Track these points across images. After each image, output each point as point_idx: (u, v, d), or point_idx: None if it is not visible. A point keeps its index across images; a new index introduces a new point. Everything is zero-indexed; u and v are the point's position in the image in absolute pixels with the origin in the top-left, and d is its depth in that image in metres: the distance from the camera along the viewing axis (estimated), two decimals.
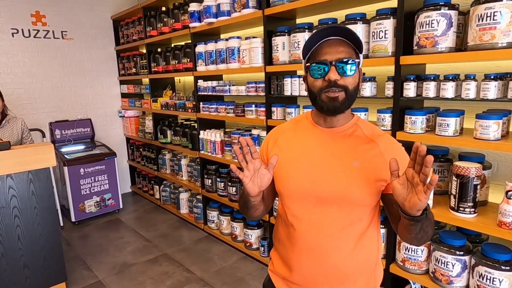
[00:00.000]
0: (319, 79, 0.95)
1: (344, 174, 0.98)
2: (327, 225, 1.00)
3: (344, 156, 1.00)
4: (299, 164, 1.03)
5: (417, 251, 1.82)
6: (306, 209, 1.01)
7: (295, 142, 1.07)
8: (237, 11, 2.62)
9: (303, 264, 1.04)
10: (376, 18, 1.83)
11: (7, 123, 2.71)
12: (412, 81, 1.74)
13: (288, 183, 1.03)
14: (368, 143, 1.00)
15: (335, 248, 1.00)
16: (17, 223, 2.31)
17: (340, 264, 1.01)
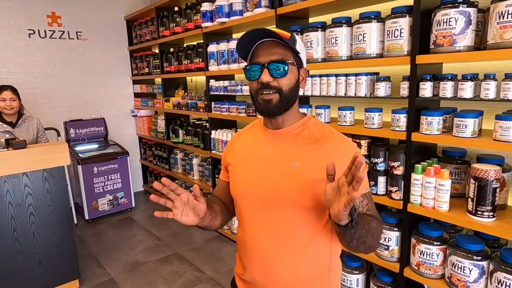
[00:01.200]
0: (254, 81, 0.96)
1: (283, 175, 0.97)
2: (271, 229, 0.99)
3: (287, 157, 0.98)
4: (247, 167, 1.04)
5: (432, 255, 1.77)
6: (252, 211, 1.02)
7: (246, 146, 1.08)
8: (249, 11, 2.61)
9: (253, 266, 1.04)
10: (391, 17, 1.79)
11: (23, 123, 2.77)
12: (429, 80, 1.70)
13: (236, 186, 1.06)
14: (313, 143, 0.98)
15: (282, 254, 0.99)
16: (32, 221, 2.36)
17: (287, 270, 0.99)
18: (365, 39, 1.89)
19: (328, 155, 0.94)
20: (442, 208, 1.69)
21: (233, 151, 1.11)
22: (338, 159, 0.86)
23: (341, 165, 0.82)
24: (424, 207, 1.76)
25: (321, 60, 2.18)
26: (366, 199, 0.97)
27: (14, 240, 2.29)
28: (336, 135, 1.01)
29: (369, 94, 2.00)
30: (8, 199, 2.25)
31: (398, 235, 1.94)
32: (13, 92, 2.64)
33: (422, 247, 1.80)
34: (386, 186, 1.96)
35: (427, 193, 1.73)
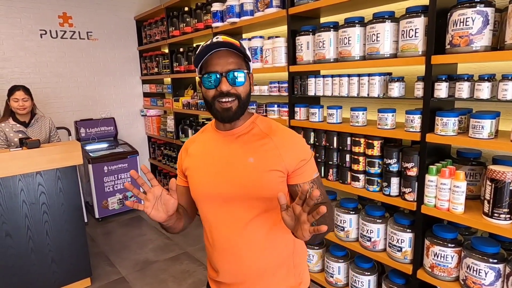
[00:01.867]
0: (211, 89, 1.00)
1: (241, 171, 1.02)
2: (234, 222, 1.04)
3: (240, 154, 1.04)
4: (204, 169, 1.07)
5: (447, 257, 1.75)
6: (214, 210, 1.06)
7: (201, 149, 1.11)
8: (260, 11, 2.61)
9: (223, 263, 1.08)
10: (406, 17, 1.77)
11: (36, 122, 2.80)
12: (444, 81, 1.68)
13: (197, 188, 1.08)
14: (263, 139, 1.05)
15: (247, 243, 1.05)
16: (46, 219, 2.38)
17: (254, 258, 1.05)
18: (379, 39, 1.87)
19: (277, 148, 1.02)
20: (457, 210, 1.68)
21: (189, 156, 1.13)
22: (286, 150, 1.02)
23: (289, 155, 1.01)
24: (439, 209, 1.74)
25: (333, 60, 2.17)
26: (316, 184, 1.05)
27: (28, 238, 2.32)
28: (282, 129, 1.09)
29: (382, 94, 1.99)
30: (22, 198, 2.28)
31: (411, 236, 1.92)
32: (25, 92, 2.67)
33: (436, 249, 1.78)
34: (399, 187, 1.95)
35: (441, 195, 1.72)
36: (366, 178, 2.10)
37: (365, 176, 2.11)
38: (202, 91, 1.03)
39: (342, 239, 2.28)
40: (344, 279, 2.35)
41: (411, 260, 1.94)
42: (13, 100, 2.61)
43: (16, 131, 2.68)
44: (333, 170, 2.29)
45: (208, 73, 0.99)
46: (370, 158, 2.05)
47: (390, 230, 2.00)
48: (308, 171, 1.04)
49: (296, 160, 1.02)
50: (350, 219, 2.22)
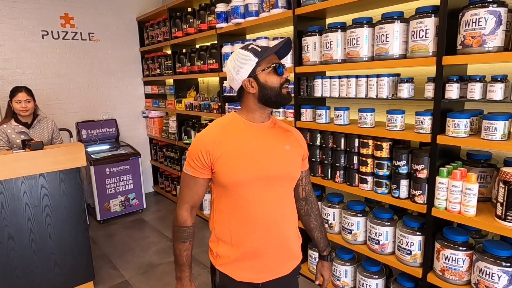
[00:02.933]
0: (280, 76, 1.18)
1: (282, 155, 1.24)
2: (274, 200, 1.22)
3: (277, 142, 1.25)
4: (244, 154, 1.18)
5: (458, 260, 1.73)
6: (256, 190, 1.19)
7: (235, 138, 1.20)
8: (265, 11, 2.59)
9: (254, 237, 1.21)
10: (416, 17, 1.75)
11: (38, 123, 2.77)
12: (455, 82, 1.66)
13: (238, 173, 1.17)
14: (287, 132, 1.30)
15: (282, 216, 1.25)
16: (49, 222, 2.35)
17: (285, 229, 1.27)
18: (388, 39, 1.85)
19: (298, 140, 1.33)
20: (469, 212, 1.65)
21: (219, 145, 1.18)
22: (302, 143, 1.35)
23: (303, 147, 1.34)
24: (450, 212, 1.72)
25: (340, 61, 2.15)
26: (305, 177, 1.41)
27: (30, 241, 2.29)
28: (289, 126, 1.36)
29: (391, 95, 1.97)
30: (25, 200, 2.25)
31: (421, 239, 1.90)
32: (28, 93, 2.64)
33: (447, 252, 1.75)
34: (408, 189, 1.92)
35: (453, 197, 1.69)
36: (375, 180, 2.07)
37: (373, 178, 2.08)
38: (269, 81, 1.17)
39: (349, 242, 2.25)
40: (351, 282, 2.32)
41: (420, 263, 1.91)
42: (15, 101, 2.58)
43: (18, 132, 2.65)
44: (340, 172, 2.26)
45: (277, 63, 1.18)
46: (378, 160, 2.02)
47: (399, 233, 1.98)
48: (306, 162, 1.39)
49: (305, 152, 1.34)
50: (357, 221, 2.19)
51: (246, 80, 1.18)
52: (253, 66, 1.16)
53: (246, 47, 1.20)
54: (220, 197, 1.23)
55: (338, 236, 2.35)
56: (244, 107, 1.24)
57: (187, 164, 1.22)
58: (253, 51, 1.17)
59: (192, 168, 1.20)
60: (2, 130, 2.60)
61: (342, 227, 2.29)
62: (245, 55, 1.18)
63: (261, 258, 1.23)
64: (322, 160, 2.37)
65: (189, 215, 1.25)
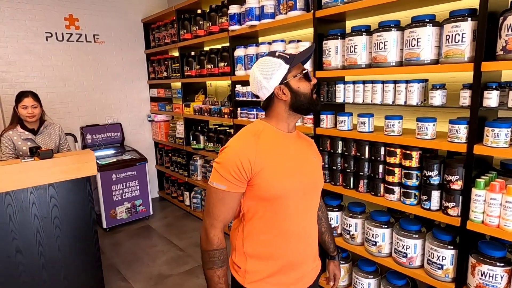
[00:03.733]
0: (309, 82, 1.18)
1: (312, 166, 1.25)
2: (308, 210, 1.24)
3: (306, 152, 1.26)
4: (284, 166, 1.15)
5: (496, 277, 1.64)
6: (295, 202, 1.17)
7: (272, 149, 1.16)
8: (282, 13, 2.50)
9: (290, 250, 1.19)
10: (451, 20, 1.66)
11: (45, 130, 2.66)
12: (494, 89, 1.57)
13: (280, 185, 1.13)
14: (308, 142, 1.33)
15: (313, 227, 1.29)
16: (58, 234, 2.25)
17: (314, 241, 1.30)
18: (420, 44, 1.76)
19: (315, 149, 1.35)
20: (509, 227, 1.56)
21: (260, 156, 1.11)
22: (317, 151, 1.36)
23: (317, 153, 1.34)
24: (487, 225, 1.63)
25: (365, 66, 2.06)
26: None
27: (39, 254, 2.18)
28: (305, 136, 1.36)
29: (421, 102, 1.88)
30: (33, 212, 2.14)
31: (453, 253, 1.81)
32: (34, 98, 2.53)
33: (484, 268, 1.66)
34: (440, 201, 1.84)
35: (491, 211, 1.61)
36: (402, 191, 1.98)
37: (401, 189, 2.00)
38: (301, 87, 1.16)
39: (373, 254, 2.16)
40: None
41: (453, 278, 1.83)
42: (21, 107, 2.47)
43: (25, 139, 2.54)
44: (364, 181, 2.17)
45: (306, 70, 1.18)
46: (407, 170, 1.93)
47: (429, 246, 1.89)
48: None
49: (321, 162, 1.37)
50: (383, 233, 2.10)
51: (277, 87, 1.16)
52: (284, 72, 1.15)
53: (273, 55, 1.19)
54: (255, 211, 1.17)
55: (361, 247, 2.26)
56: (274, 115, 1.21)
57: (219, 178, 1.11)
58: (282, 58, 1.16)
59: (228, 182, 1.10)
60: (8, 137, 2.49)
61: (366, 238, 2.20)
62: (275, 62, 1.16)
63: (297, 269, 1.22)
64: (344, 169, 2.28)
65: (223, 235, 1.17)
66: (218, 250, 1.13)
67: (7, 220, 2.06)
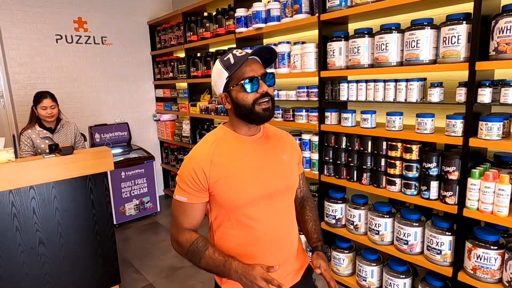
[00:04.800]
0: (251, 93, 1.07)
1: (281, 167, 1.18)
2: (279, 215, 1.18)
3: (274, 153, 1.19)
4: (243, 173, 1.10)
5: (490, 259, 1.78)
6: (260, 209, 1.12)
7: (230, 157, 1.11)
8: (288, 17, 2.63)
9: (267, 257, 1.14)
10: (447, 23, 1.81)
11: (62, 128, 2.78)
12: (488, 87, 1.72)
13: (240, 193, 1.09)
14: (280, 140, 1.24)
15: (288, 230, 1.21)
16: (77, 227, 2.36)
17: (291, 242, 1.23)
18: (419, 45, 1.91)
19: (291, 145, 1.28)
20: (502, 213, 1.71)
21: (216, 166, 1.08)
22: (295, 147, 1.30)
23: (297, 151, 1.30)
24: (482, 212, 1.78)
25: (367, 66, 2.20)
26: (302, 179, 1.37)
27: (60, 246, 2.30)
28: (280, 131, 1.31)
29: (420, 99, 2.02)
30: (55, 205, 2.26)
31: (451, 239, 1.95)
32: (52, 99, 2.65)
33: (479, 252, 1.81)
34: (438, 190, 1.98)
35: (485, 198, 1.75)
36: (403, 182, 2.13)
37: (402, 180, 2.14)
38: (240, 98, 1.08)
39: (376, 242, 2.30)
40: (377, 282, 2.37)
41: (451, 262, 1.97)
42: (41, 108, 2.59)
43: (43, 137, 2.65)
44: (367, 174, 2.31)
45: (247, 78, 1.06)
46: (407, 162, 2.08)
47: (428, 233, 2.03)
48: (301, 166, 1.36)
49: (300, 156, 1.33)
50: (385, 222, 2.24)
51: (222, 95, 1.12)
52: (225, 81, 1.09)
53: (223, 58, 1.10)
54: (221, 220, 1.15)
55: (364, 237, 2.40)
56: (230, 120, 1.17)
57: (179, 191, 1.11)
58: (226, 64, 1.08)
59: (186, 193, 1.09)
60: (27, 135, 2.61)
61: (369, 228, 2.33)
62: (218, 69, 1.10)
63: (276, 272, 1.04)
64: (348, 163, 2.42)
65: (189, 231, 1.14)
66: (193, 243, 1.10)
67: (31, 213, 2.17)
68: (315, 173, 2.65)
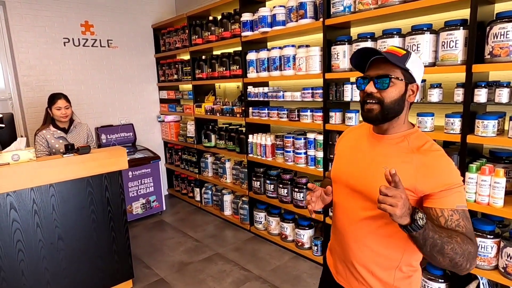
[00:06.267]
0: (361, 91, 1.13)
1: (372, 173, 1.09)
2: (351, 214, 1.17)
3: (379, 160, 1.11)
4: (344, 158, 1.25)
5: (487, 248, 1.92)
6: (342, 195, 1.21)
7: (350, 141, 1.28)
8: (293, 21, 2.76)
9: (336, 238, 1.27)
10: (445, 29, 1.95)
11: (75, 128, 2.87)
12: (483, 87, 1.86)
13: (335, 171, 1.27)
14: (406, 155, 1.07)
15: (353, 236, 1.16)
16: (94, 223, 2.46)
17: (356, 252, 1.16)
18: (419, 49, 2.05)
19: (415, 168, 1.03)
20: (497, 204, 1.85)
21: (340, 143, 1.34)
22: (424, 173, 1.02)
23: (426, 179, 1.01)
24: (479, 204, 1.91)
25: None
26: (458, 215, 1.00)
27: (77, 242, 2.39)
28: (432, 151, 1.06)
29: (421, 99, 2.16)
30: (73, 203, 2.35)
31: None
32: (66, 100, 2.74)
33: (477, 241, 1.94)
34: None
35: (482, 191, 1.89)
36: None
37: None
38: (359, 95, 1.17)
39: None
40: None
41: None
42: (55, 109, 2.68)
43: (57, 137, 2.74)
44: None
45: (360, 77, 1.13)
46: None
47: None
48: (447, 198, 1.00)
49: (432, 185, 1.01)
50: None
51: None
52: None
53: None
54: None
55: None
56: None
57: None
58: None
59: None
60: (42, 135, 2.70)
61: None
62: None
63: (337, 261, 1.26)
64: None
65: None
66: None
67: (51, 210, 2.27)
68: (320, 170, 2.78)
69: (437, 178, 1.01)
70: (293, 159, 2.99)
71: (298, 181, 3.00)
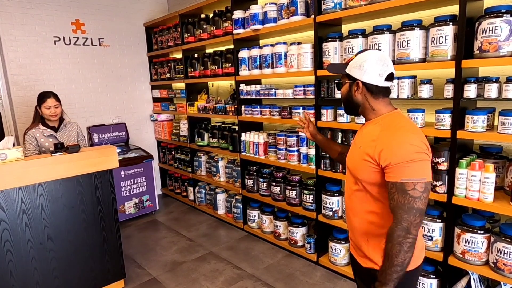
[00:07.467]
0: None
1: (355, 153, 1.33)
2: (348, 189, 1.40)
3: (359, 141, 1.34)
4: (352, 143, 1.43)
5: (477, 243, 1.92)
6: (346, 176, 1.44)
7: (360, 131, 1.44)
8: (284, 18, 2.75)
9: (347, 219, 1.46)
10: (435, 25, 1.95)
11: (65, 127, 2.83)
12: (473, 83, 1.86)
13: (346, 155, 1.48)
14: (375, 134, 1.24)
15: (351, 209, 1.39)
16: (84, 223, 2.44)
17: (354, 220, 1.37)
18: (409, 45, 2.04)
19: (377, 140, 1.20)
20: (487, 199, 1.85)
21: None
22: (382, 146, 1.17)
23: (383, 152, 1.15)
24: (469, 199, 1.92)
25: None
26: (395, 188, 1.13)
27: (68, 242, 2.36)
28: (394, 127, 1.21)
29: (411, 95, 2.16)
30: (63, 202, 2.32)
31: (441, 226, 2.09)
32: (55, 99, 2.70)
33: (467, 236, 1.95)
34: None
35: (472, 186, 1.89)
36: None
37: None
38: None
39: None
40: None
41: (441, 247, 2.10)
42: (45, 107, 2.65)
43: (47, 136, 2.71)
44: None
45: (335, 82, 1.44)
46: None
47: None
48: (394, 172, 1.13)
49: (386, 159, 1.14)
50: None
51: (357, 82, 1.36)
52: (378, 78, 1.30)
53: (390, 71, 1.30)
54: None
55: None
56: None
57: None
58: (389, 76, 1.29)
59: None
60: (31, 134, 2.66)
61: None
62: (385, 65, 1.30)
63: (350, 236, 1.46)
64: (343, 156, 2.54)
65: None
66: None
67: (39, 209, 2.24)
68: (312, 168, 2.77)
69: (389, 152, 1.14)
70: (286, 156, 2.98)
71: (290, 179, 2.99)
